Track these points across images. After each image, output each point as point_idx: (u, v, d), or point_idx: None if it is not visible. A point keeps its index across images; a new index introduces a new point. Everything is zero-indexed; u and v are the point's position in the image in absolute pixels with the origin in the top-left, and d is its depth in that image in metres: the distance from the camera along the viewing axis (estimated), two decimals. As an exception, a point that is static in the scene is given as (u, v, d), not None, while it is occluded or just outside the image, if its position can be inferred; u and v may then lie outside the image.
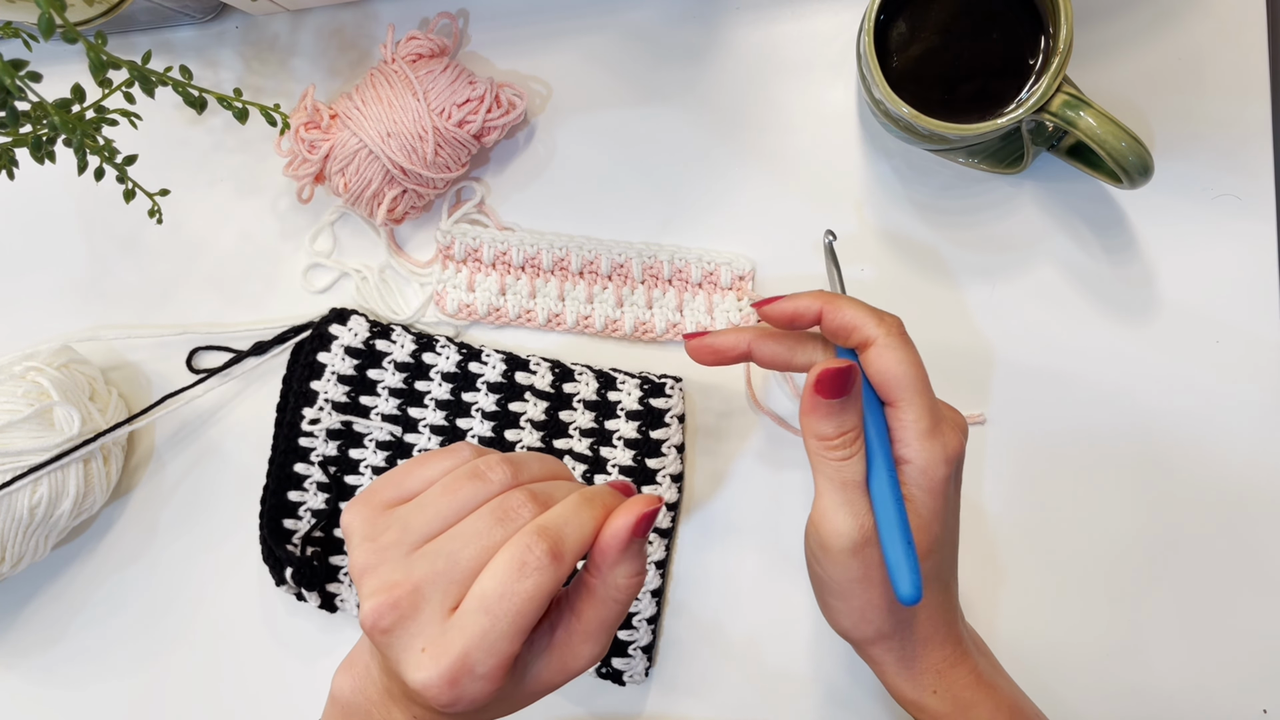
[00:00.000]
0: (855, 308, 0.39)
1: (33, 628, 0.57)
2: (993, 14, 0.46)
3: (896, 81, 0.45)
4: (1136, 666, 0.51)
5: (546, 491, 0.35)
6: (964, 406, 0.52)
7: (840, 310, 0.38)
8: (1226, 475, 0.51)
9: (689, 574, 0.53)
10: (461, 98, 0.51)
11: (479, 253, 0.55)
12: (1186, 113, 0.51)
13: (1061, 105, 0.44)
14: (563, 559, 0.33)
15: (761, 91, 0.54)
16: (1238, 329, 0.51)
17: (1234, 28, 0.51)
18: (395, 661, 0.33)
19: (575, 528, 0.34)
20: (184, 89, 0.46)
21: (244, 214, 0.57)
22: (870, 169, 0.53)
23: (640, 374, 0.53)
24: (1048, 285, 0.52)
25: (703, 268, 0.53)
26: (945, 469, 0.37)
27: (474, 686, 0.32)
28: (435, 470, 0.36)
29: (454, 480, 0.35)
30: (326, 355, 0.54)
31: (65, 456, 0.51)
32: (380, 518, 0.35)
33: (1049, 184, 0.52)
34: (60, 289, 0.59)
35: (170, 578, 0.57)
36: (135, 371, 0.58)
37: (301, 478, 0.54)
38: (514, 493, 0.35)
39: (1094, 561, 0.51)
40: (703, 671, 0.53)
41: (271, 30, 0.57)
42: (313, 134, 0.52)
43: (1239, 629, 0.50)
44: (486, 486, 0.35)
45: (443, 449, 0.38)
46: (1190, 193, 0.51)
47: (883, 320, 0.38)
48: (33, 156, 0.43)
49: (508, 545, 0.33)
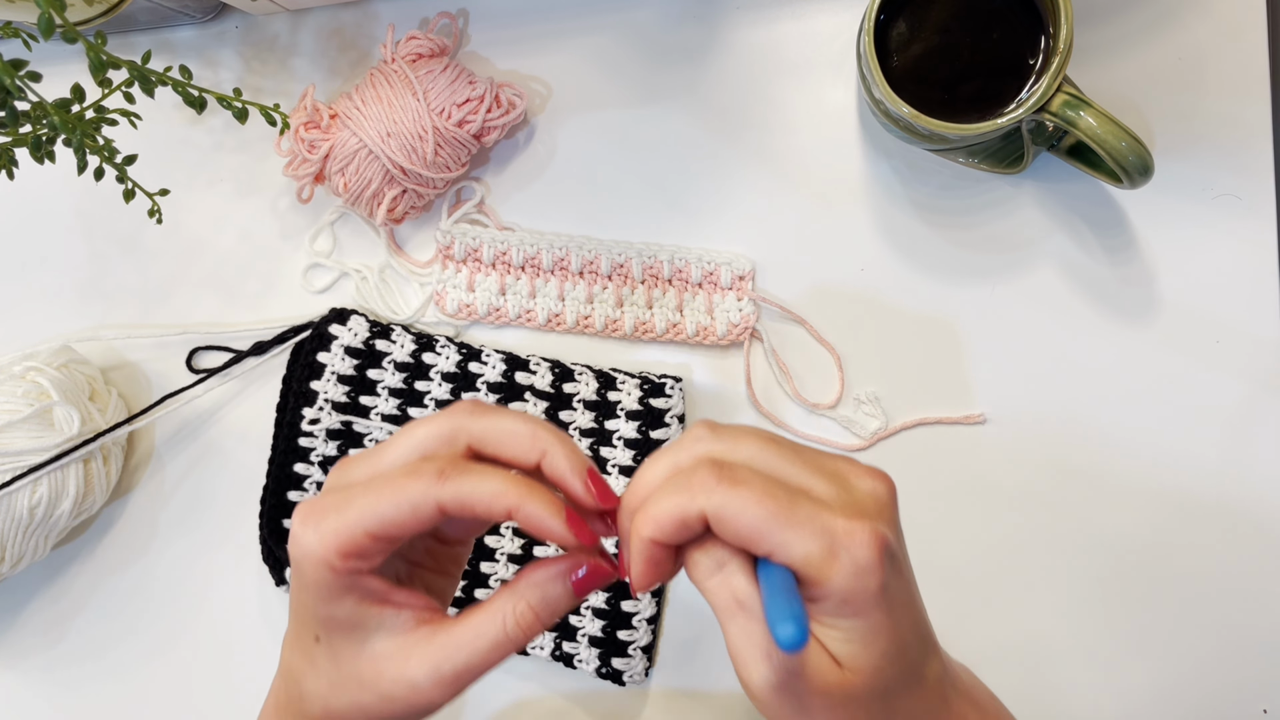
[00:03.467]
0: (665, 503, 0.31)
1: (33, 628, 0.57)
2: (993, 14, 0.46)
3: (896, 81, 0.45)
4: (1136, 666, 0.51)
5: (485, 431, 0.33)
6: (963, 406, 0.52)
7: (659, 523, 0.31)
8: (1226, 475, 0.51)
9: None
10: (461, 98, 0.51)
11: (479, 253, 0.55)
12: (1186, 113, 0.51)
13: (1061, 105, 0.44)
14: (447, 477, 0.31)
15: (762, 91, 0.54)
16: (1238, 329, 0.51)
17: (1234, 28, 0.51)
18: None
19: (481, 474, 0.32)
20: (184, 89, 0.46)
21: (244, 214, 0.57)
22: (870, 169, 0.53)
23: (640, 374, 0.53)
24: (1048, 285, 0.52)
25: (703, 268, 0.53)
26: (874, 578, 0.30)
27: (310, 537, 0.32)
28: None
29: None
30: (326, 355, 0.54)
31: (65, 456, 0.51)
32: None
33: (1049, 184, 0.52)
34: (60, 289, 0.59)
35: (170, 578, 0.57)
36: (135, 371, 0.58)
37: (301, 478, 0.54)
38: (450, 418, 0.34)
39: (1094, 561, 0.51)
40: (702, 672, 0.53)
41: (271, 30, 0.57)
42: (313, 134, 0.52)
43: (1239, 629, 0.50)
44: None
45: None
46: (1190, 193, 0.51)
47: (691, 485, 0.31)
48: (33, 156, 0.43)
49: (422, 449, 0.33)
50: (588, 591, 0.34)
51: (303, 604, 0.34)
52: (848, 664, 0.31)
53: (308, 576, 0.32)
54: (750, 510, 0.30)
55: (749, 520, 0.30)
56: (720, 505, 0.30)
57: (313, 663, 0.34)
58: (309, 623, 0.34)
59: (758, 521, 0.30)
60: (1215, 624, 0.50)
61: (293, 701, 0.35)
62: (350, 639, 0.33)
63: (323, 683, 0.34)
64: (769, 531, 0.30)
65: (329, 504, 0.32)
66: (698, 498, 0.31)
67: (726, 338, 0.53)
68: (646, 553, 0.32)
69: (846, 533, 0.30)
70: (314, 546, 0.32)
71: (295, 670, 0.35)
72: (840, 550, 0.30)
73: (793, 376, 0.53)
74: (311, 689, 0.34)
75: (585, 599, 0.34)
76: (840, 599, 0.30)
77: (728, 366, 0.54)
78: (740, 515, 0.30)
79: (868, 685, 0.31)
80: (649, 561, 0.32)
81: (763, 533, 0.30)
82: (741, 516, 0.30)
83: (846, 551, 0.30)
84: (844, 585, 0.30)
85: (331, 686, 0.34)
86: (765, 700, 0.32)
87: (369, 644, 0.33)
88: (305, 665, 0.34)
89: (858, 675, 0.31)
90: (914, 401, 0.53)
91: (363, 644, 0.33)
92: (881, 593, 0.30)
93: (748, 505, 0.30)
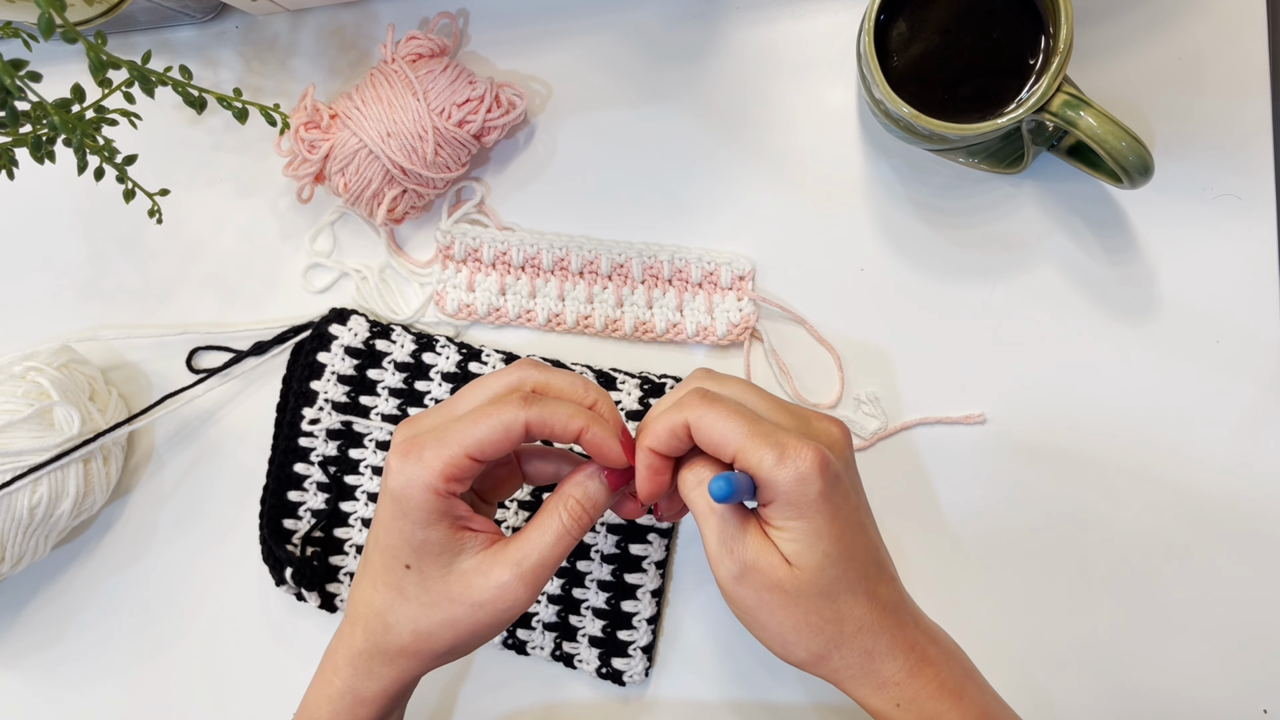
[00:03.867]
0: (658, 415, 0.39)
1: (33, 628, 0.57)
2: (993, 14, 0.46)
3: (896, 81, 0.45)
4: (1136, 666, 0.51)
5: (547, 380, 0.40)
6: (963, 406, 0.52)
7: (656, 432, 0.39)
8: (1226, 475, 0.51)
9: (689, 574, 0.53)
10: (461, 98, 0.51)
11: (479, 253, 0.55)
12: (1186, 113, 0.51)
13: (1061, 105, 0.44)
14: (531, 403, 0.38)
15: (761, 91, 0.54)
16: (1238, 329, 0.51)
17: (1234, 27, 0.51)
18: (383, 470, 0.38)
19: (556, 401, 0.39)
20: (184, 89, 0.46)
21: (244, 214, 0.57)
22: (870, 169, 0.53)
23: (640, 374, 0.53)
24: (1048, 285, 0.52)
25: (703, 268, 0.53)
26: (808, 488, 0.36)
27: (415, 468, 0.38)
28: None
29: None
30: (326, 355, 0.54)
31: (65, 456, 0.51)
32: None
33: (1049, 184, 0.52)
34: (60, 289, 0.59)
35: (170, 578, 0.57)
36: (135, 371, 0.58)
37: (301, 478, 0.54)
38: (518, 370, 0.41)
39: (1093, 561, 0.51)
40: (703, 672, 0.53)
41: (271, 30, 0.57)
42: (313, 134, 0.52)
43: (1239, 629, 0.50)
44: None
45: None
46: (1190, 193, 0.51)
47: (680, 403, 0.38)
48: (33, 156, 0.43)
49: (497, 388, 0.40)
50: (618, 487, 0.41)
51: (400, 533, 0.39)
52: (794, 561, 0.37)
53: (411, 502, 0.38)
54: (721, 422, 0.37)
55: (720, 429, 0.37)
56: (699, 416, 0.37)
57: (401, 591, 0.39)
58: (401, 552, 0.39)
59: (727, 431, 0.37)
60: (1215, 624, 0.50)
61: (373, 635, 0.40)
62: (439, 561, 0.39)
63: (411, 607, 0.39)
64: (734, 439, 0.37)
65: (423, 440, 0.38)
66: (684, 411, 0.38)
67: (726, 338, 0.53)
68: (647, 460, 0.39)
69: (795, 448, 0.37)
70: (419, 474, 0.38)
71: (377, 605, 0.40)
72: (788, 459, 0.36)
73: (793, 376, 0.53)
74: (400, 616, 0.40)
75: (616, 496, 0.42)
76: (786, 500, 0.37)
77: (728, 366, 0.54)
78: (713, 425, 0.37)
79: (811, 581, 0.37)
80: (650, 469, 0.39)
81: (729, 439, 0.37)
82: (714, 426, 0.37)
83: (792, 461, 0.36)
84: (788, 488, 0.36)
85: (421, 608, 0.39)
86: (729, 590, 0.38)
87: (456, 564, 0.39)
88: (392, 596, 0.40)
89: (803, 571, 0.37)
90: (914, 401, 0.53)
91: (450, 565, 0.39)
92: (822, 499, 0.37)
93: (719, 418, 0.37)
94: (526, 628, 0.53)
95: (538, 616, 0.53)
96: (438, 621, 0.39)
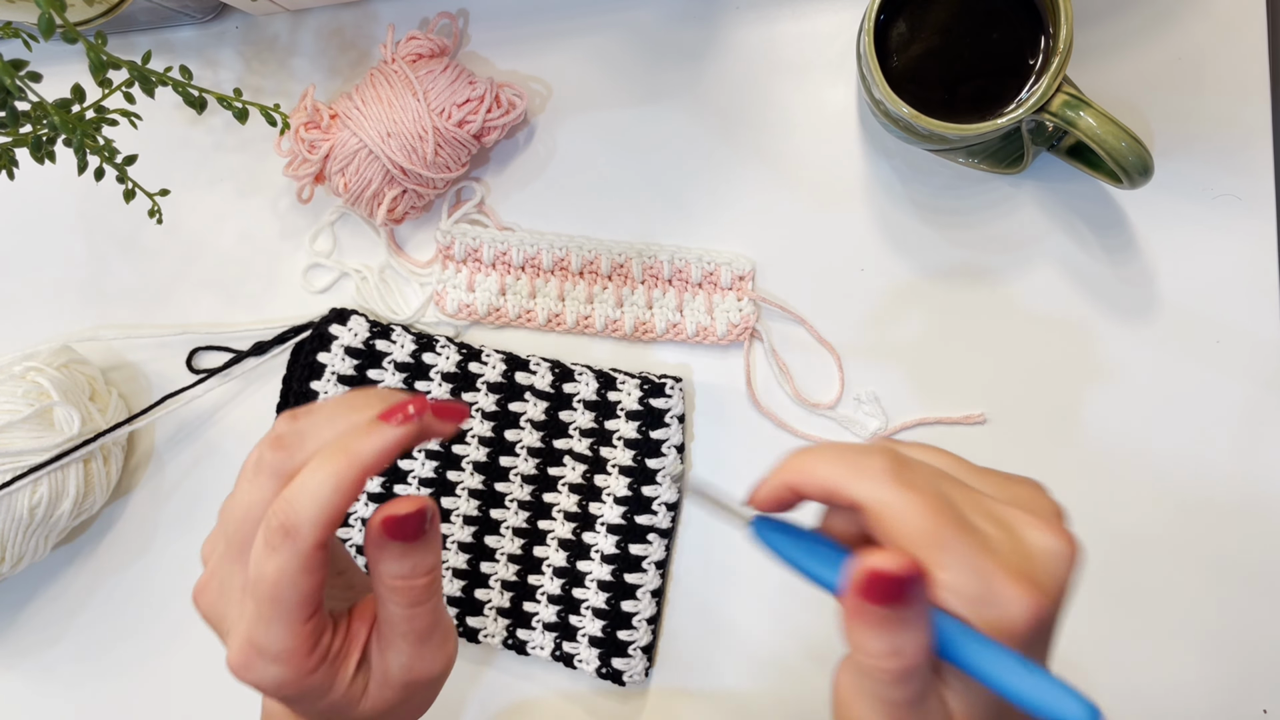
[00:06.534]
0: (829, 458, 0.29)
1: (33, 628, 0.57)
2: (993, 14, 0.46)
3: (896, 81, 0.45)
4: (1137, 666, 0.51)
5: (298, 435, 0.33)
6: (963, 406, 0.52)
7: (814, 469, 0.29)
8: (1226, 475, 0.51)
9: (689, 574, 0.53)
10: (461, 98, 0.51)
11: (479, 253, 0.55)
12: (1186, 113, 0.51)
13: (1061, 105, 0.44)
14: (297, 533, 0.30)
15: (761, 91, 0.54)
16: (1238, 329, 0.51)
17: (1234, 28, 0.51)
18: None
19: (309, 493, 0.31)
20: (184, 89, 0.46)
21: (244, 214, 0.57)
22: (870, 169, 0.53)
23: (640, 374, 0.53)
24: (1048, 285, 0.52)
25: (703, 268, 0.53)
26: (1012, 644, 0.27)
27: (272, 670, 0.32)
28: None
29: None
30: (326, 355, 0.54)
31: (65, 456, 0.51)
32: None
33: (1049, 184, 0.52)
34: (60, 289, 0.59)
35: (170, 578, 0.57)
36: (135, 371, 0.58)
37: (301, 478, 0.54)
38: (256, 450, 0.33)
39: (1094, 561, 0.51)
40: (703, 672, 0.53)
41: (271, 30, 0.57)
42: (313, 134, 0.52)
43: (1239, 629, 0.50)
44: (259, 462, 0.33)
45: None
46: (1190, 193, 0.51)
47: (867, 463, 0.28)
48: (33, 156, 0.43)
49: (261, 523, 0.32)
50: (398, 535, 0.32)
51: (304, 713, 0.35)
52: (958, 715, 0.28)
53: (292, 695, 0.33)
54: (917, 520, 0.27)
55: (912, 529, 0.27)
56: (885, 502, 0.27)
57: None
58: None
59: (922, 534, 0.27)
60: (1215, 624, 0.50)
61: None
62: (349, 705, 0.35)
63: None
64: (916, 536, 0.27)
65: (243, 641, 0.33)
66: (863, 481, 0.28)
67: (726, 338, 0.53)
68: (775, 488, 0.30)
69: (1004, 589, 0.26)
70: (278, 675, 0.33)
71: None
72: (991, 602, 0.26)
73: (793, 376, 0.53)
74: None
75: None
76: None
77: (728, 366, 0.54)
78: (904, 522, 0.27)
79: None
80: (770, 496, 0.30)
81: (922, 549, 0.27)
82: (905, 524, 0.27)
83: (996, 607, 0.26)
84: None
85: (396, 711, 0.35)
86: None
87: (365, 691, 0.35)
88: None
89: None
90: (914, 401, 0.53)
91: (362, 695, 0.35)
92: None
93: (911, 502, 0.27)
94: (527, 628, 0.53)
95: (538, 616, 0.53)
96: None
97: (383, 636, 0.34)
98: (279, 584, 0.31)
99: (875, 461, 0.28)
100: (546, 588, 0.53)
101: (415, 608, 0.33)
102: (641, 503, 0.52)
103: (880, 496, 0.27)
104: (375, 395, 0.34)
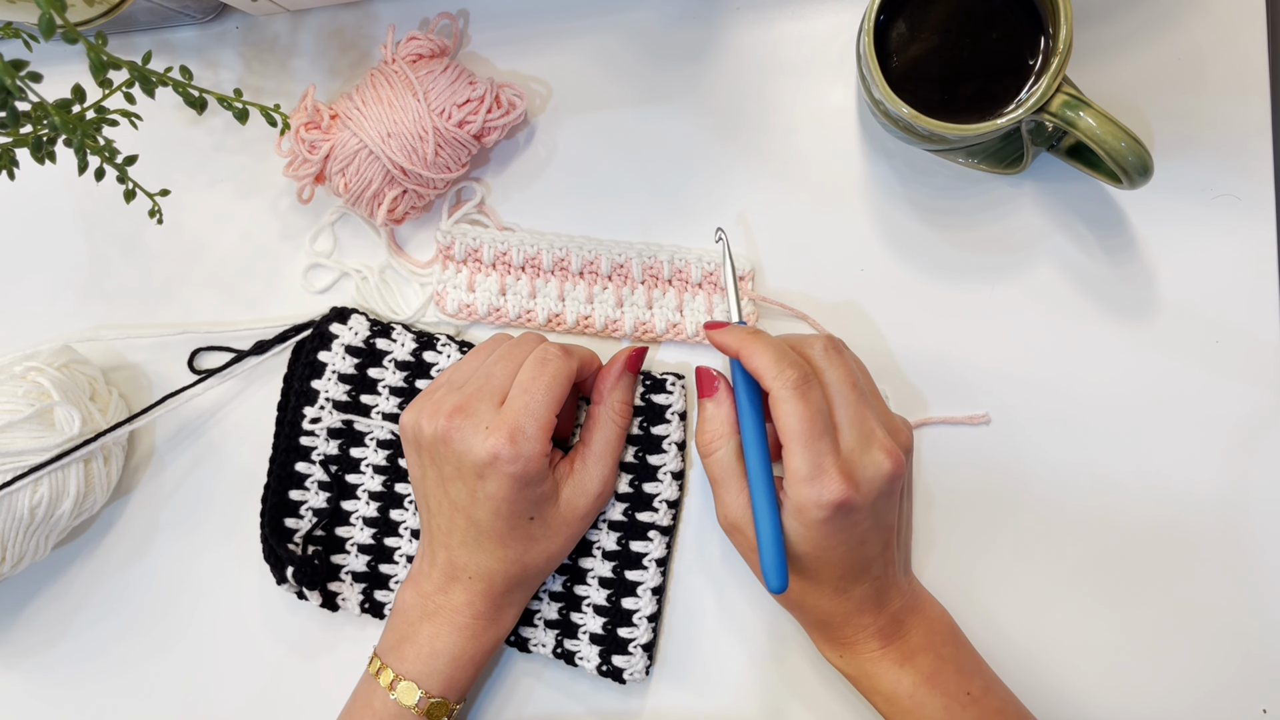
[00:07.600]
0: (763, 354, 0.44)
1: (33, 628, 0.57)
2: (992, 14, 0.46)
3: (896, 81, 0.45)
4: (1136, 666, 0.51)
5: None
6: (964, 406, 0.52)
7: (751, 357, 0.44)
8: (1226, 475, 0.51)
9: (690, 571, 0.53)
10: (461, 98, 0.51)
11: (479, 253, 0.55)
12: (1186, 113, 0.51)
13: (1061, 105, 0.44)
14: (571, 354, 0.47)
15: (761, 91, 0.54)
16: (1238, 329, 0.51)
17: (1234, 28, 0.51)
18: (466, 451, 0.45)
19: (577, 351, 0.49)
20: (184, 89, 0.46)
21: (244, 214, 0.57)
22: (870, 169, 0.53)
23: (641, 371, 0.53)
24: (1048, 285, 0.52)
25: (703, 268, 0.53)
26: (818, 512, 0.42)
27: (528, 445, 0.44)
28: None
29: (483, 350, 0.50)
30: (327, 354, 0.54)
31: (65, 456, 0.51)
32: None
33: (1049, 184, 0.52)
34: (60, 289, 0.59)
35: (170, 578, 0.57)
36: (135, 371, 0.58)
37: (303, 476, 0.54)
38: (525, 334, 0.49)
39: (1094, 561, 0.51)
40: (703, 669, 0.53)
41: (271, 30, 0.58)
42: (313, 134, 0.52)
43: (1239, 629, 0.50)
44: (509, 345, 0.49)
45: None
46: (1190, 193, 0.51)
47: (782, 372, 0.43)
48: (33, 157, 0.43)
49: (529, 356, 0.47)
50: (636, 368, 0.51)
51: (525, 499, 0.46)
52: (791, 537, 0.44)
53: (533, 475, 0.45)
54: (791, 410, 0.42)
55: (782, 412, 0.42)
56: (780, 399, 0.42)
57: (531, 537, 0.47)
58: (524, 510, 0.46)
59: (788, 423, 0.42)
60: (1215, 624, 0.50)
61: (509, 580, 0.48)
62: (551, 501, 0.47)
63: (541, 544, 0.48)
64: (790, 434, 0.42)
65: (511, 424, 0.44)
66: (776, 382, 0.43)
67: (726, 338, 0.53)
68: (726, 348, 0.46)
69: (827, 480, 0.42)
70: (533, 449, 0.44)
71: (513, 556, 0.47)
72: (816, 483, 0.42)
73: (793, 376, 0.53)
74: (535, 554, 0.48)
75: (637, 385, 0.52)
76: (794, 506, 0.43)
77: (728, 366, 0.54)
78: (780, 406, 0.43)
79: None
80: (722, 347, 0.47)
81: (785, 431, 0.42)
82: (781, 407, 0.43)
83: (817, 489, 0.42)
84: (801, 502, 0.42)
85: (550, 540, 0.48)
86: (731, 537, 0.48)
87: (562, 495, 0.48)
88: (525, 544, 0.47)
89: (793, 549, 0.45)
90: (915, 401, 0.53)
91: (558, 499, 0.48)
92: (823, 523, 0.42)
93: (793, 406, 0.42)
94: (529, 625, 0.53)
95: (539, 614, 0.53)
96: (563, 543, 0.48)
97: (592, 455, 0.49)
98: (555, 379, 0.46)
99: (790, 374, 0.43)
100: (548, 584, 0.53)
101: (625, 432, 0.50)
102: (643, 499, 0.52)
103: (781, 396, 0.43)
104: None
